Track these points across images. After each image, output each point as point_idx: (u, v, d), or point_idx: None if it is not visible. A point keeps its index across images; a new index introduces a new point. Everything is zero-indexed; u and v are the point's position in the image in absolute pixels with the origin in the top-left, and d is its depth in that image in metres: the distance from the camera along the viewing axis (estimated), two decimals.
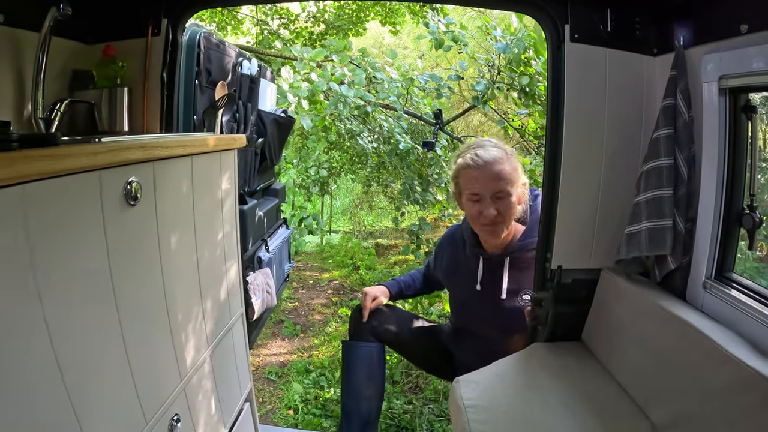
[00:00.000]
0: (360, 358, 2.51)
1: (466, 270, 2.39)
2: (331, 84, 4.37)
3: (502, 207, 2.17)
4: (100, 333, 1.19)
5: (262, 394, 3.59)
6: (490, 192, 2.15)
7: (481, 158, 2.16)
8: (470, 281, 2.36)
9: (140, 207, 1.32)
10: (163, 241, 1.45)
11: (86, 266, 1.13)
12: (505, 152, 2.21)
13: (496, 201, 2.16)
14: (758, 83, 1.58)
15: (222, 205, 1.91)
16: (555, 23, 2.03)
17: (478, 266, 2.35)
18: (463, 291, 2.42)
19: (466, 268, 2.40)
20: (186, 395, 1.59)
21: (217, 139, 1.76)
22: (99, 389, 1.17)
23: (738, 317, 1.57)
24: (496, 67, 4.55)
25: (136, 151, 1.26)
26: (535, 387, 1.86)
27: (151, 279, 1.41)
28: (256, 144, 2.93)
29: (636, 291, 1.86)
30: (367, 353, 2.51)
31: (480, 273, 2.34)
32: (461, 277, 2.43)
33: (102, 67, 2.03)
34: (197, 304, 1.69)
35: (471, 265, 2.38)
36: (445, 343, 2.59)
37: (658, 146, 1.84)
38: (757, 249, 1.79)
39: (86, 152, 1.09)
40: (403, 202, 5.36)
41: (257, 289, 2.65)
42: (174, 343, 1.53)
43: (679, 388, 1.54)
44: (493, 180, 2.14)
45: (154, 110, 2.11)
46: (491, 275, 2.32)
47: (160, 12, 2.09)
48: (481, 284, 2.33)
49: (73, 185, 1.07)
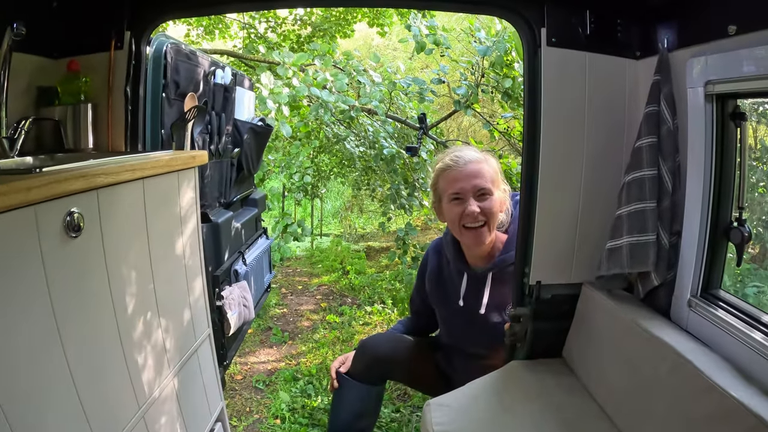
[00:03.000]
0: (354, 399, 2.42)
1: (451, 285, 2.32)
2: (312, 89, 4.31)
3: (486, 206, 2.10)
4: (43, 369, 1.18)
5: (249, 404, 3.53)
6: (472, 190, 2.09)
7: (461, 158, 2.12)
8: (453, 297, 2.30)
9: (84, 237, 1.29)
10: (112, 269, 1.41)
11: (24, 304, 1.12)
12: (482, 154, 2.18)
13: (478, 199, 2.10)
14: (748, 89, 1.50)
15: (182, 225, 1.86)
16: (531, 27, 1.97)
17: (462, 282, 2.28)
18: (447, 307, 2.34)
19: (451, 283, 2.33)
20: (146, 423, 1.57)
21: (174, 159, 1.72)
22: (46, 426, 1.17)
23: (724, 339, 1.51)
24: (480, 69, 4.49)
25: (76, 181, 1.22)
26: (510, 409, 1.81)
27: (100, 310, 1.39)
28: (232, 154, 2.87)
29: (617, 308, 1.81)
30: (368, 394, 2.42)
31: (463, 289, 2.27)
32: (445, 293, 2.35)
33: (66, 83, 1.99)
34: (155, 330, 1.66)
35: (455, 280, 2.31)
36: (440, 363, 2.49)
37: (641, 156, 1.78)
38: None
39: (19, 189, 1.06)
40: (389, 206, 5.31)
41: (233, 303, 2.61)
42: (130, 371, 1.50)
43: (661, 414, 1.48)
44: (476, 177, 2.09)
45: (119, 126, 2.05)
46: (474, 290, 2.25)
47: (123, 25, 2.02)
48: (464, 300, 2.26)
49: (4, 223, 1.04)
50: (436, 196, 2.23)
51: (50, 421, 1.18)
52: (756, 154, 2.65)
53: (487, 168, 2.12)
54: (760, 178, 2.50)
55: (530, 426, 1.71)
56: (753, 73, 1.43)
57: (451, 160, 2.13)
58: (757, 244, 2.88)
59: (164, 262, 1.73)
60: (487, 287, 2.21)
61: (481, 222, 2.10)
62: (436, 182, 2.21)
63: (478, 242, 2.16)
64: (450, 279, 2.34)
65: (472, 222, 2.10)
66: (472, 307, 2.24)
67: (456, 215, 2.12)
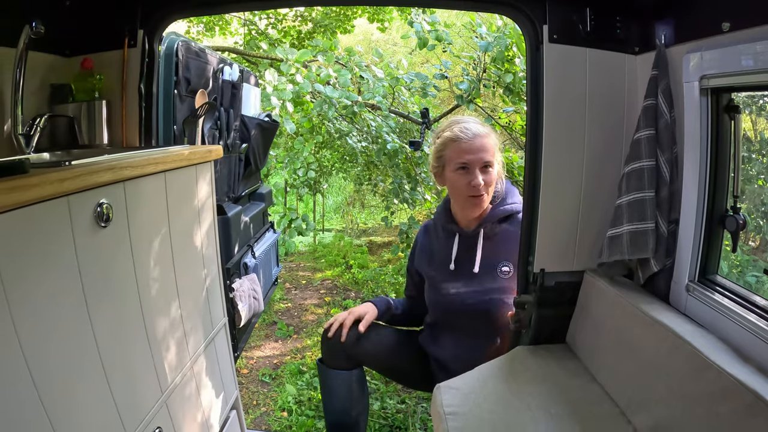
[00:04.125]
0: (338, 387, 2.46)
1: (441, 252, 2.37)
2: (316, 85, 4.34)
3: (488, 179, 2.21)
4: (75, 353, 1.21)
5: (256, 397, 3.58)
6: (480, 162, 2.19)
7: (470, 131, 2.20)
8: (445, 262, 2.34)
9: (112, 227, 1.33)
10: (138, 258, 1.46)
11: (58, 289, 1.15)
12: (487, 129, 2.27)
13: (483, 172, 2.20)
14: (741, 83, 1.55)
15: (200, 217, 1.91)
16: (533, 24, 2.00)
17: (453, 245, 2.33)
18: (438, 275, 2.36)
19: (441, 251, 2.38)
20: (168, 407, 1.61)
21: (192, 153, 1.76)
22: (77, 407, 1.21)
23: (721, 321, 1.55)
24: (482, 64, 4.52)
25: (105, 173, 1.26)
26: (518, 392, 1.84)
27: (127, 296, 1.43)
28: (240, 150, 2.92)
29: (618, 294, 1.85)
30: (346, 381, 2.44)
31: (455, 251, 2.32)
32: (436, 261, 2.38)
33: (80, 81, 2.02)
34: (177, 317, 1.70)
35: (445, 246, 2.36)
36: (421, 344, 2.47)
37: (640, 147, 1.82)
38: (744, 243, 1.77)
39: (53, 180, 1.10)
40: (392, 201, 5.34)
41: (243, 295, 2.64)
42: (153, 357, 1.54)
43: (662, 394, 1.52)
44: (482, 151, 2.19)
45: (133, 122, 2.09)
46: (466, 251, 2.31)
47: (136, 23, 2.06)
48: (456, 262, 2.31)
49: (41, 213, 1.08)
50: (440, 163, 2.30)
51: (81, 404, 1.22)
52: (755, 146, 2.71)
53: (490, 142, 2.22)
54: (760, 171, 2.56)
55: (537, 408, 1.75)
56: (746, 67, 1.47)
57: (461, 132, 2.20)
58: (757, 236, 2.94)
59: (184, 251, 1.77)
60: (479, 245, 2.28)
61: (483, 192, 2.21)
62: (441, 150, 2.28)
63: (477, 209, 2.26)
64: (440, 247, 2.39)
65: (476, 192, 2.20)
66: (466, 269, 2.29)
67: (463, 183, 2.21)
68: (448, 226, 2.36)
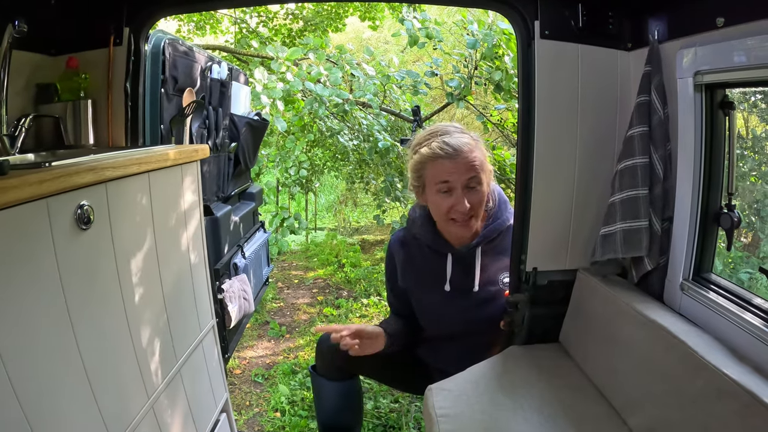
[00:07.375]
0: (332, 397, 2.34)
1: (432, 273, 2.16)
2: (307, 83, 4.32)
3: (475, 199, 1.96)
4: (57, 360, 1.19)
5: (248, 397, 3.55)
6: (463, 182, 1.94)
7: (450, 146, 1.93)
8: (437, 283, 2.14)
9: (94, 229, 1.30)
10: (120, 260, 1.43)
11: (38, 293, 1.13)
12: (472, 138, 2.01)
13: (468, 192, 1.95)
14: (735, 79, 1.53)
15: (186, 218, 1.88)
16: (524, 20, 1.98)
17: (446, 265, 2.13)
18: (430, 296, 2.17)
19: (432, 271, 2.16)
20: (155, 413, 1.59)
21: (177, 153, 1.73)
22: (60, 416, 1.18)
23: (715, 320, 1.55)
24: (473, 62, 4.51)
25: (86, 174, 1.24)
26: (510, 393, 1.82)
27: (111, 300, 1.40)
28: (229, 149, 2.89)
29: (612, 293, 1.84)
30: (341, 391, 2.32)
31: (449, 271, 2.12)
32: (429, 282, 2.17)
33: (65, 80, 2.00)
34: (163, 320, 1.68)
35: (436, 266, 2.15)
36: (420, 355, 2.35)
37: (633, 144, 1.81)
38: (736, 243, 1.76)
39: (32, 182, 1.07)
40: (384, 199, 5.33)
41: (233, 296, 2.63)
42: (139, 362, 1.52)
43: (657, 394, 1.51)
44: (467, 169, 1.93)
45: (119, 122, 2.07)
46: (463, 270, 2.12)
47: (122, 21, 2.03)
48: (451, 283, 2.11)
49: (19, 216, 1.06)
50: (420, 182, 2.04)
51: (64, 412, 1.19)
52: (748, 143, 2.70)
53: (478, 156, 1.96)
54: (752, 167, 2.55)
55: (530, 408, 1.73)
56: (740, 63, 1.46)
57: (441, 149, 1.93)
58: (749, 233, 2.93)
59: (169, 253, 1.74)
60: (477, 264, 2.11)
61: (469, 215, 1.99)
62: (420, 168, 2.01)
63: (467, 231, 2.04)
64: (428, 265, 2.17)
65: (461, 218, 1.98)
66: (463, 287, 2.12)
67: (445, 207, 1.98)
68: (436, 245, 2.14)
